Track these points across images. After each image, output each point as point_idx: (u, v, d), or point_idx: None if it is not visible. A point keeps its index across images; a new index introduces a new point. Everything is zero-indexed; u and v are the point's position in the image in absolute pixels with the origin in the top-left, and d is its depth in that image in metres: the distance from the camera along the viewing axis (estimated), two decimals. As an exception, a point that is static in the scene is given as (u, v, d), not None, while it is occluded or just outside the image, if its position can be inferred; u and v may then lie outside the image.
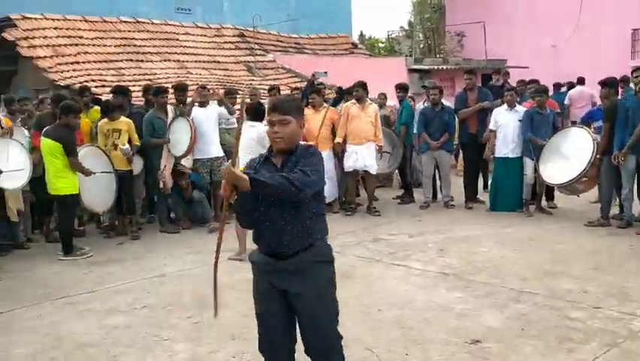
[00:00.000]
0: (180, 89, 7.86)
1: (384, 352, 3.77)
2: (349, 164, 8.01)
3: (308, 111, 8.22)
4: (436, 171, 8.62)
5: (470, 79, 8.69)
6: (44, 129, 6.38)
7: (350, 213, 8.17)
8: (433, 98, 8.41)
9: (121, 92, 7.84)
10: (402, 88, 9.23)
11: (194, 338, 4.08)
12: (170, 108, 7.65)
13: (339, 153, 8.20)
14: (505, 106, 8.06)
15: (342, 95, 9.15)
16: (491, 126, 8.11)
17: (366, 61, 15.80)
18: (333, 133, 8.26)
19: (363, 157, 7.95)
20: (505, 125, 7.91)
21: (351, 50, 17.40)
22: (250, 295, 4.92)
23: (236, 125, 8.36)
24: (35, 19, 11.74)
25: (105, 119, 7.14)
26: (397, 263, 5.75)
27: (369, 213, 8.10)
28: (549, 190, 8.18)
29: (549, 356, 3.65)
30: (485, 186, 9.02)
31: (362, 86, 8.16)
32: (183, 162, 7.84)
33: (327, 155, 8.27)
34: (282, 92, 9.46)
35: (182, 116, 7.53)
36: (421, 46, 22.61)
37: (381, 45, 27.92)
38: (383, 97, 9.70)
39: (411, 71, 13.26)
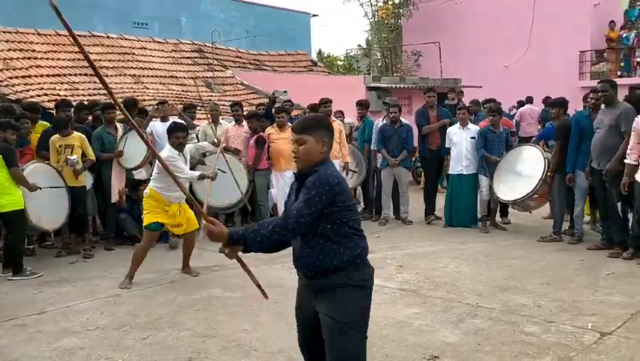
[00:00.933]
0: (130, 105, 7.73)
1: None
2: None
3: (272, 130, 8.24)
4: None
5: (431, 97, 8.87)
6: None
7: None
8: (393, 115, 8.52)
9: (68, 105, 7.70)
10: (363, 105, 9.33)
11: (150, 360, 3.97)
12: (119, 124, 7.56)
13: None
14: (457, 124, 8.27)
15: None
16: (446, 144, 8.31)
17: (326, 78, 15.90)
18: None
19: None
20: (459, 142, 8.11)
21: (311, 67, 17.50)
22: (208, 313, 4.87)
23: (195, 140, 8.29)
24: (-17, 31, 11.39)
25: (57, 135, 6.95)
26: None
27: None
28: (503, 207, 8.38)
29: (505, 370, 3.72)
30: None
31: (330, 102, 8.24)
32: (139, 174, 7.72)
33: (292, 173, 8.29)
34: (244, 109, 9.38)
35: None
36: (379, 64, 22.94)
37: (339, 63, 28.23)
38: (340, 114, 9.77)
39: (369, 89, 13.41)
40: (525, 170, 7.52)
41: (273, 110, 8.72)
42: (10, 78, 10.44)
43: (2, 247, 6.67)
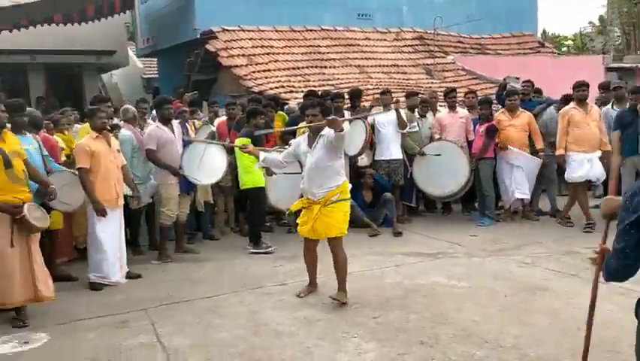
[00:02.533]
0: (355, 95, 8.21)
1: (588, 375, 3.46)
2: (580, 174, 7.31)
3: (503, 116, 7.92)
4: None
5: None
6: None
7: (570, 225, 7.57)
8: (632, 103, 7.53)
9: (314, 95, 8.34)
10: (606, 88, 8.41)
11: (382, 338, 4.13)
12: (346, 113, 7.99)
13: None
14: None
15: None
16: None
17: (555, 60, 14.75)
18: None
19: (594, 166, 7.28)
20: None
21: (537, 49, 16.37)
22: (435, 300, 4.89)
23: (417, 129, 8.35)
24: (233, 31, 12.85)
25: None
26: (596, 280, 5.26)
27: (561, 223, 7.56)
28: None
29: None
30: None
31: (587, 86, 7.53)
32: (361, 161, 8.04)
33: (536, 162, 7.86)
34: (457, 94, 9.09)
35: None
36: (618, 42, 20.52)
37: (569, 43, 25.93)
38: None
39: (608, 69, 12.08)
40: None
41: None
42: (253, 72, 11.65)
43: (247, 223, 7.55)
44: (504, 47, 16.05)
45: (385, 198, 7.72)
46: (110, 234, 5.67)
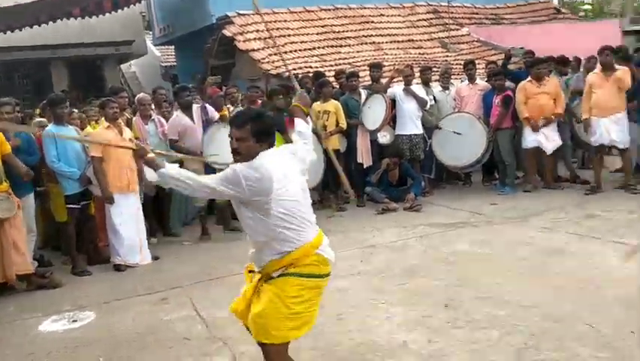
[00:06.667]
0: (375, 66, 8.42)
1: (607, 328, 3.64)
2: (594, 138, 7.46)
3: (528, 84, 7.82)
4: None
5: None
6: None
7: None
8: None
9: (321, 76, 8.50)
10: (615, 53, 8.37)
11: (408, 303, 4.35)
12: (361, 90, 8.15)
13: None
14: None
15: None
16: None
17: (572, 26, 14.58)
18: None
19: (609, 131, 7.31)
20: None
21: (554, 15, 16.21)
22: (459, 267, 5.07)
23: (432, 102, 8.46)
24: (248, 15, 12.96)
25: (319, 102, 7.77)
26: (616, 240, 5.41)
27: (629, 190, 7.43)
28: None
29: None
30: None
31: (610, 50, 7.43)
32: (383, 138, 8.18)
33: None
34: (477, 67, 9.17)
35: (377, 92, 7.95)
36: (635, 4, 20.12)
37: (587, 7, 25.47)
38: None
39: (626, 33, 11.95)
40: None
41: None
42: (270, 55, 11.78)
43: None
44: (519, 15, 15.93)
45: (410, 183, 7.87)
46: (125, 219, 6.00)
